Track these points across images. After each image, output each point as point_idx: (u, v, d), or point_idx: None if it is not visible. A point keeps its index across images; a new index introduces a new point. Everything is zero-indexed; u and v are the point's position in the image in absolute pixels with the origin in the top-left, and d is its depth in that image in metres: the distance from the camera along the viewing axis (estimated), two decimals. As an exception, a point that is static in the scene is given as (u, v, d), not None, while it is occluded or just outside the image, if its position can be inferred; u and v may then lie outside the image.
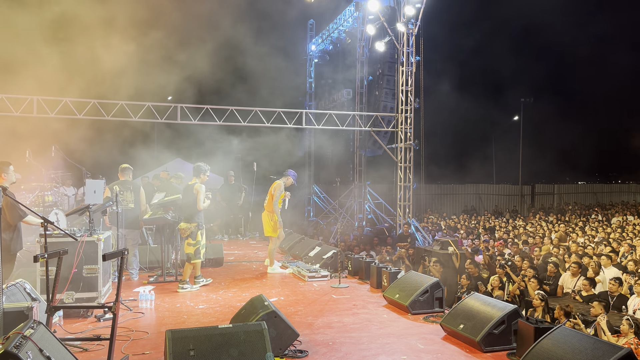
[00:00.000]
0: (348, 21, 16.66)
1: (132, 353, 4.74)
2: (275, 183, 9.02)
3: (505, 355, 4.80)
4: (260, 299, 5.18)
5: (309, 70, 20.30)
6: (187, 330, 4.15)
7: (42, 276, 5.61)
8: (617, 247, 11.00)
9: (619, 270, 9.07)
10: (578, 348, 3.92)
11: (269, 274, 8.81)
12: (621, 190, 30.90)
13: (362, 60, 17.29)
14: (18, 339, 3.19)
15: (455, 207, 26.92)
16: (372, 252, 12.43)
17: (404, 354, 4.79)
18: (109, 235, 6.74)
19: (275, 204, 8.78)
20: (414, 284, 6.45)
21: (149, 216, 8.16)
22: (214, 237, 14.06)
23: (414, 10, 13.50)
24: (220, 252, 9.66)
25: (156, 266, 8.77)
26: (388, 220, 16.00)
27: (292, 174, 9.13)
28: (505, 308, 5.04)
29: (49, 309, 4.34)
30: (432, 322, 5.85)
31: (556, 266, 9.16)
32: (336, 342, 5.13)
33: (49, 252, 4.48)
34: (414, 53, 13.92)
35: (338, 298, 7.09)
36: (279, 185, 8.91)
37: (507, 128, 32.82)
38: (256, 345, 4.08)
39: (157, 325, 5.69)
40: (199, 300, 6.88)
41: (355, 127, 15.51)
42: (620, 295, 7.50)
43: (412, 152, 13.99)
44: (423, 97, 14.14)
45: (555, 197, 28.41)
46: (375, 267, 7.79)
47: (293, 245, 11.15)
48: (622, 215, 20.34)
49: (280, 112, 14.01)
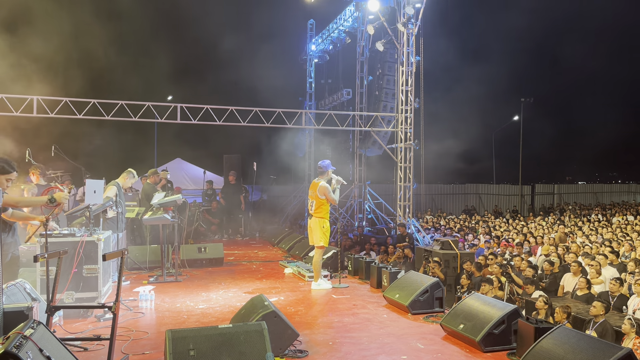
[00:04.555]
0: (348, 21, 16.65)
1: (132, 353, 4.74)
2: (316, 185, 7.68)
3: (505, 355, 4.80)
4: (260, 299, 5.18)
5: (309, 70, 20.30)
6: (187, 330, 4.15)
7: (42, 276, 5.61)
8: (617, 247, 11.00)
9: (617, 270, 9.08)
10: (578, 348, 3.92)
11: (312, 290, 7.57)
12: (621, 190, 30.90)
13: (362, 60, 17.30)
14: (18, 339, 3.19)
15: (455, 207, 26.93)
16: (372, 252, 12.44)
17: (404, 354, 4.79)
18: (109, 235, 6.74)
19: (334, 199, 7.62)
20: (414, 284, 6.45)
21: (149, 216, 8.17)
22: (214, 237, 14.08)
23: (414, 10, 13.50)
24: (220, 252, 9.66)
25: (156, 266, 8.77)
26: (388, 220, 16.01)
27: (327, 165, 7.80)
28: (505, 308, 5.04)
29: (49, 309, 4.34)
30: (432, 322, 5.85)
31: (552, 264, 9.18)
32: (336, 342, 5.13)
33: (49, 252, 4.48)
34: (414, 53, 13.92)
35: (338, 298, 7.09)
36: (323, 188, 7.59)
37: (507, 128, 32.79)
38: (256, 345, 4.08)
39: (157, 325, 5.69)
40: (199, 300, 6.88)
41: (355, 127, 15.51)
42: (620, 295, 7.51)
43: (412, 152, 13.99)
44: (423, 97, 14.15)
45: (555, 197, 28.41)
46: (375, 267, 7.79)
47: (293, 245, 11.15)
48: (622, 215, 20.34)
49: (280, 112, 14.01)
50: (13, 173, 4.93)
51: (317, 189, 7.63)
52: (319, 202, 7.65)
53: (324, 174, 7.71)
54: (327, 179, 7.72)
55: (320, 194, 7.61)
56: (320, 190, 7.61)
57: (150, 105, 13.11)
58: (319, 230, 7.63)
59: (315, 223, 7.68)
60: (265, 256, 11.00)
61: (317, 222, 7.66)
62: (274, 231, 14.09)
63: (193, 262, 9.28)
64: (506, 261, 9.91)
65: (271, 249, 12.10)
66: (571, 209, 24.26)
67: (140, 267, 8.89)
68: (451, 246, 10.02)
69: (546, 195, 28.48)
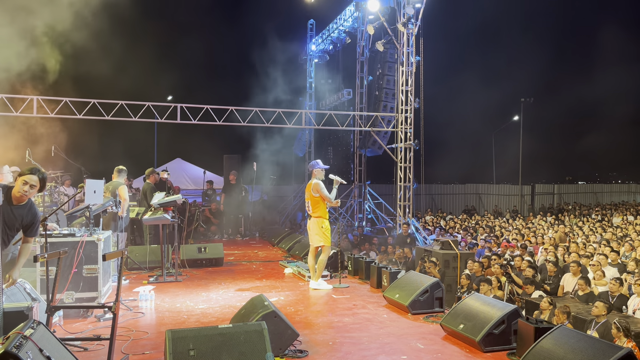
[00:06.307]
0: (348, 21, 16.66)
1: (132, 353, 4.73)
2: (310, 185, 7.68)
3: (505, 355, 4.80)
4: (260, 299, 5.18)
5: (309, 70, 20.31)
6: (187, 330, 4.14)
7: (42, 276, 5.61)
8: (617, 247, 11.00)
9: (618, 270, 9.08)
10: (578, 348, 3.92)
11: (312, 290, 7.53)
12: (621, 190, 30.92)
13: (362, 60, 17.30)
14: (18, 339, 3.19)
15: (455, 207, 26.93)
16: (372, 252, 12.44)
17: (404, 354, 4.79)
18: (109, 235, 6.74)
19: (328, 196, 7.52)
20: (414, 284, 6.45)
21: (149, 216, 8.17)
22: (214, 237, 14.08)
23: (414, 10, 13.50)
24: (220, 252, 9.66)
25: (156, 266, 8.77)
26: (388, 220, 16.01)
27: (314, 164, 7.78)
28: (505, 308, 5.04)
29: (49, 309, 4.34)
30: (432, 322, 5.85)
31: (555, 265, 9.18)
32: (336, 342, 5.13)
33: (49, 252, 4.48)
34: (414, 53, 13.92)
35: (338, 298, 7.09)
36: (316, 185, 7.56)
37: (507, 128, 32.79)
38: (256, 345, 4.08)
39: (157, 325, 5.69)
40: (199, 300, 6.88)
41: (355, 127, 15.52)
42: (620, 295, 7.51)
43: (412, 152, 13.99)
44: (423, 97, 14.15)
45: (555, 197, 28.42)
46: (375, 267, 7.79)
47: (293, 245, 11.15)
48: (622, 215, 20.35)
49: (280, 112, 14.01)
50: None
51: (311, 188, 7.62)
52: (315, 201, 7.62)
53: (314, 174, 7.68)
54: (320, 177, 7.67)
55: (314, 191, 7.58)
56: (314, 188, 7.57)
57: (150, 105, 13.11)
58: (318, 230, 7.58)
59: (314, 223, 7.63)
60: (265, 256, 10.99)
61: (315, 223, 7.61)
62: (274, 231, 14.09)
63: (193, 262, 9.28)
64: (506, 261, 9.91)
65: (271, 249, 12.09)
66: (571, 209, 24.27)
67: (140, 267, 8.89)
68: (451, 246, 10.02)
69: (546, 195, 28.49)
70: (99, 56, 10.79)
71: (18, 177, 4.55)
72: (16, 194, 4.48)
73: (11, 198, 4.49)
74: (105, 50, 10.45)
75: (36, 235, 4.76)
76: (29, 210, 4.62)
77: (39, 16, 8.66)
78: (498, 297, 7.54)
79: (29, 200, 4.64)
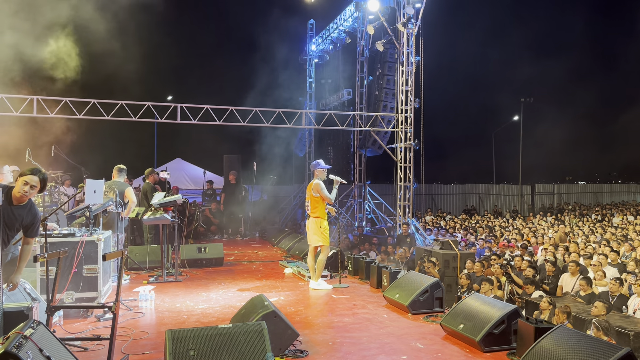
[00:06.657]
0: (348, 21, 16.66)
1: (132, 353, 4.73)
2: (311, 185, 7.68)
3: (505, 355, 4.80)
4: (260, 299, 5.18)
5: (309, 70, 20.30)
6: (187, 330, 4.14)
7: (42, 276, 5.61)
8: (617, 247, 11.00)
9: (618, 270, 9.08)
10: (578, 348, 3.92)
11: (312, 290, 7.55)
12: (621, 190, 30.93)
13: (362, 60, 17.30)
14: (18, 339, 3.19)
15: (455, 207, 26.93)
16: (372, 252, 12.44)
17: (404, 354, 4.79)
18: (109, 235, 6.74)
19: (328, 197, 7.52)
20: (414, 284, 6.45)
21: (149, 216, 8.17)
22: (214, 237, 14.07)
23: (414, 10, 13.50)
24: (220, 252, 9.66)
25: (156, 266, 8.77)
26: (388, 220, 16.01)
27: (316, 164, 7.79)
28: (505, 308, 5.04)
29: (49, 309, 4.34)
30: (432, 322, 5.85)
31: (554, 265, 9.17)
32: (336, 342, 5.13)
33: (49, 252, 4.48)
34: (414, 53, 13.92)
35: (338, 298, 7.09)
36: (317, 185, 7.57)
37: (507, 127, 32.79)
38: (256, 345, 4.08)
39: (157, 325, 5.69)
40: (199, 300, 6.88)
41: (355, 127, 15.51)
42: (620, 295, 7.51)
43: (412, 152, 13.99)
44: (423, 97, 14.15)
45: (555, 197, 28.42)
46: (375, 267, 7.79)
47: (293, 245, 11.15)
48: (622, 215, 20.35)
49: (280, 112, 14.01)
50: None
51: (312, 188, 7.63)
52: (314, 201, 7.62)
53: (316, 174, 7.71)
54: (322, 177, 7.69)
55: (314, 191, 7.59)
56: (314, 188, 7.58)
57: (150, 105, 13.10)
58: (317, 230, 7.58)
59: (312, 223, 7.63)
60: (265, 256, 11.00)
61: (314, 223, 7.61)
62: (274, 231, 14.09)
63: (193, 262, 9.28)
64: (506, 261, 9.91)
65: (271, 249, 12.10)
66: (571, 209, 24.27)
67: (140, 267, 8.89)
68: (451, 246, 10.02)
69: (546, 195, 28.49)
70: (99, 56, 10.77)
71: (18, 177, 4.54)
72: (16, 194, 4.47)
73: (11, 198, 4.49)
74: (105, 50, 10.43)
75: (36, 235, 4.76)
76: (29, 211, 4.61)
77: (39, 16, 8.67)
78: (498, 297, 7.54)
79: (29, 200, 4.64)
